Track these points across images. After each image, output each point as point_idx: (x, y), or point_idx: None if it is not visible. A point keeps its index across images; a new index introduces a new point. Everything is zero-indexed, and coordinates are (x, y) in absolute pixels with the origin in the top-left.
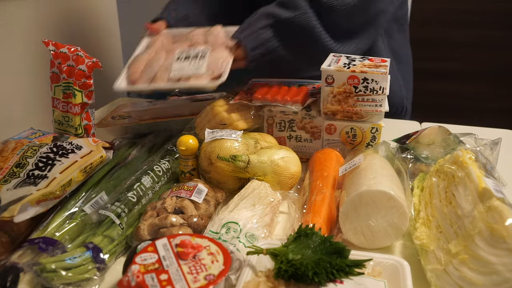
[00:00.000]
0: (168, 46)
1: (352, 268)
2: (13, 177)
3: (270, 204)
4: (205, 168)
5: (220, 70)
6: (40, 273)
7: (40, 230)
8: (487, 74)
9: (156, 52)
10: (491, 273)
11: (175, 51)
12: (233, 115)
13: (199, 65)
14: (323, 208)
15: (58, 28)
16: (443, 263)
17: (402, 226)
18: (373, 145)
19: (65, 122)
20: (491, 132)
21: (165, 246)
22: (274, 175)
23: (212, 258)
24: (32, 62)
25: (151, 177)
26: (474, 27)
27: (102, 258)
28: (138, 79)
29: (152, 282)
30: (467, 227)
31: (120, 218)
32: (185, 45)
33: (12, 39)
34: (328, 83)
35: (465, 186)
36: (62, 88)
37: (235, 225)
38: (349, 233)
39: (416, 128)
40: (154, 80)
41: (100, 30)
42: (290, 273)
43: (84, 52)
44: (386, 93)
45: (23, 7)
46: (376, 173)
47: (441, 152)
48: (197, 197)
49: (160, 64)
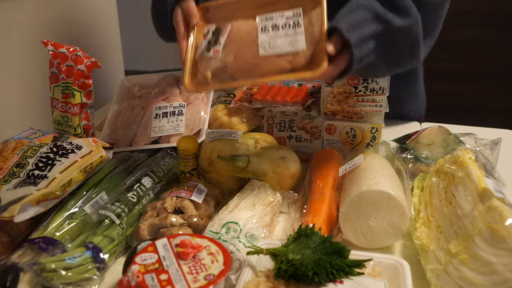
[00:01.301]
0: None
1: (352, 268)
2: (13, 177)
3: (270, 204)
4: (205, 168)
5: (198, 127)
6: (40, 273)
7: (40, 230)
8: (487, 74)
9: (133, 108)
10: (491, 273)
11: (151, 106)
12: (234, 119)
13: (177, 123)
14: (323, 208)
15: (57, 28)
16: (443, 263)
17: (402, 226)
18: (373, 145)
19: (64, 122)
20: (491, 132)
21: (165, 246)
22: (274, 175)
23: (212, 258)
24: (31, 62)
25: (152, 178)
26: (474, 27)
27: (102, 258)
28: (118, 141)
29: (152, 282)
30: (467, 227)
31: (120, 218)
32: (160, 99)
33: (12, 39)
34: (328, 83)
35: (465, 186)
36: (61, 88)
37: (235, 225)
38: (349, 233)
39: (416, 128)
40: (135, 141)
41: (100, 30)
42: (290, 273)
43: (83, 52)
44: (386, 93)
45: (23, 7)
46: (376, 173)
47: (441, 152)
48: (197, 197)
49: (138, 122)
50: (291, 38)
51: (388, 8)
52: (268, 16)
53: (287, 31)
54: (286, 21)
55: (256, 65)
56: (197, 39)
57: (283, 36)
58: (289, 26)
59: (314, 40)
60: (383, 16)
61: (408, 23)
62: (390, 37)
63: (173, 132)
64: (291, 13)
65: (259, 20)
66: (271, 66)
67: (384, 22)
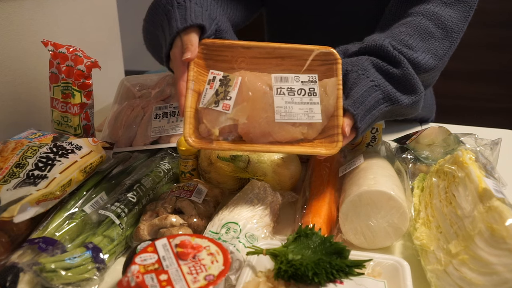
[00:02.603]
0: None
1: (352, 268)
2: (13, 177)
3: (270, 204)
4: (205, 168)
5: None
6: (40, 273)
7: (40, 230)
8: (487, 74)
9: (133, 109)
10: (491, 274)
11: (151, 107)
12: None
13: (178, 123)
14: (323, 208)
15: (57, 28)
16: (443, 263)
17: (402, 226)
18: (373, 145)
19: (64, 122)
20: (491, 132)
21: (165, 246)
22: (274, 175)
23: (212, 259)
24: (31, 62)
25: (152, 178)
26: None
27: (102, 258)
28: (118, 141)
29: (152, 283)
30: (467, 228)
31: (120, 218)
32: (160, 99)
33: (12, 39)
34: None
35: (465, 186)
36: (61, 88)
37: (235, 225)
38: (349, 233)
39: (416, 128)
40: (135, 141)
41: (100, 30)
42: (290, 274)
43: (83, 52)
44: None
45: (23, 7)
46: (376, 174)
47: (441, 152)
48: (197, 197)
49: (138, 122)
50: (307, 107)
51: (398, 88)
52: (283, 76)
53: (302, 98)
54: (301, 86)
55: (269, 131)
56: (196, 80)
57: (299, 103)
58: (304, 92)
59: (329, 114)
60: (393, 96)
61: (415, 99)
62: (397, 112)
63: (173, 132)
64: (307, 78)
65: (274, 80)
66: (285, 135)
67: (393, 102)
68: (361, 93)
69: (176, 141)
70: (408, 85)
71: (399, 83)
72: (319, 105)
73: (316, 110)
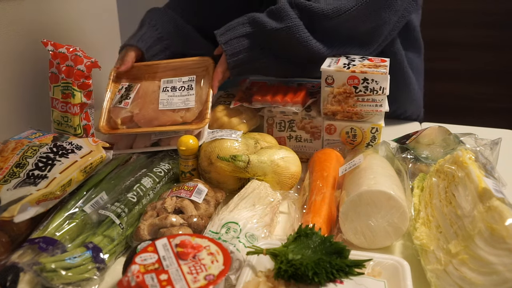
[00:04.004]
0: None
1: (352, 268)
2: (13, 177)
3: (270, 204)
4: (205, 168)
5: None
6: (40, 273)
7: (40, 230)
8: (487, 74)
9: None
10: (491, 273)
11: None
12: (234, 119)
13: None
14: (323, 208)
15: (57, 28)
16: (443, 263)
17: (402, 226)
18: (373, 145)
19: (64, 122)
20: (491, 132)
21: (165, 246)
22: (274, 175)
23: (212, 258)
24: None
25: (152, 178)
26: (474, 27)
27: (102, 258)
28: (118, 142)
29: (152, 282)
30: (467, 227)
31: (120, 218)
32: None
33: (12, 39)
34: (328, 83)
35: (465, 186)
36: (61, 88)
37: (235, 225)
38: (349, 233)
39: (416, 128)
40: (135, 143)
41: (100, 31)
42: (290, 273)
43: (83, 52)
44: (386, 93)
45: (23, 7)
46: (376, 173)
47: (441, 152)
48: (197, 197)
49: None
50: (185, 98)
51: (266, 14)
52: (169, 80)
53: (182, 92)
54: (182, 84)
55: (156, 117)
56: (113, 93)
57: (179, 96)
58: (184, 88)
59: (202, 101)
60: (257, 19)
61: (280, 26)
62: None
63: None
64: (187, 79)
65: (162, 82)
66: (167, 118)
67: (256, 24)
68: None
69: (176, 143)
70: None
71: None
72: (194, 96)
73: (191, 99)
